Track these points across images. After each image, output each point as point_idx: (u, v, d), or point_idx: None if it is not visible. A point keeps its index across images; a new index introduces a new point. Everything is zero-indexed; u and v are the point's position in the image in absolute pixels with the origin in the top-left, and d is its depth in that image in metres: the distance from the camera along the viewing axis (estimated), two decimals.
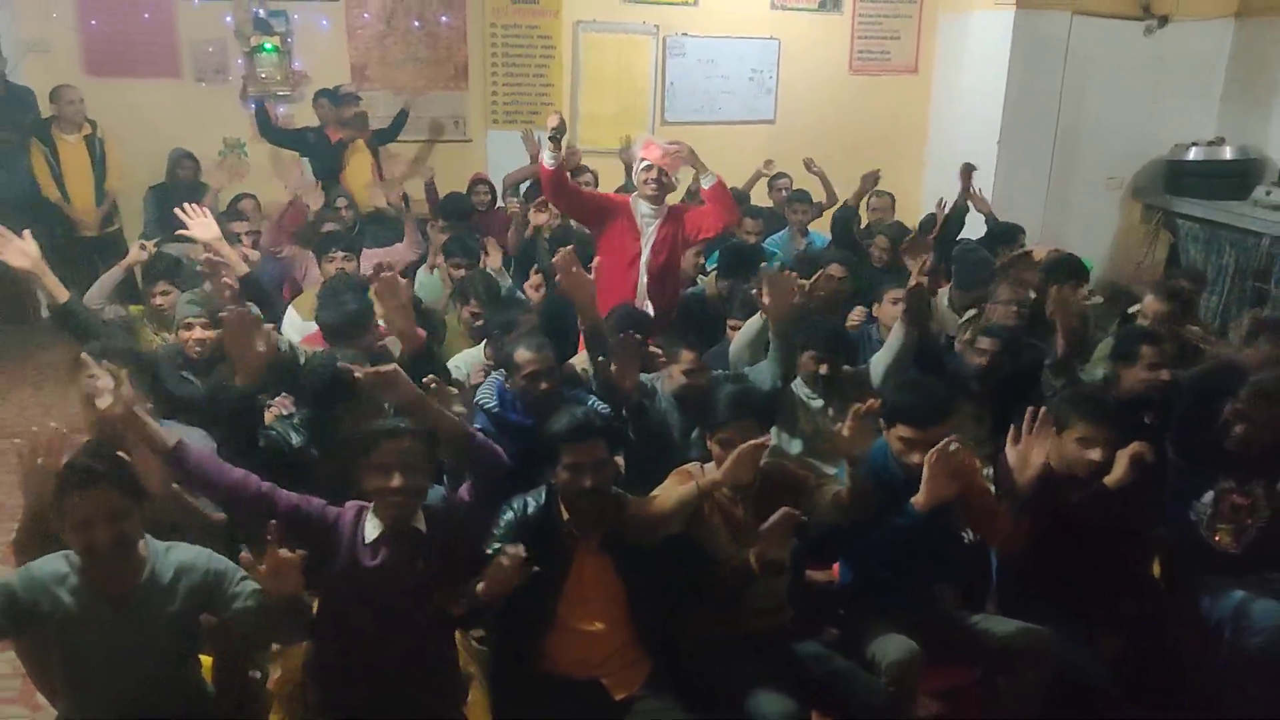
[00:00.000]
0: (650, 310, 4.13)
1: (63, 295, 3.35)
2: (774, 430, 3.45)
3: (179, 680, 2.36)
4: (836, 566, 3.09)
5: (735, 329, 3.77)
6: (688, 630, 2.68)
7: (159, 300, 4.02)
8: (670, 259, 4.28)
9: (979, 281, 4.39)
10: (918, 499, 2.63)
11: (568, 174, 4.36)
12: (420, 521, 2.39)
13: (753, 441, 2.50)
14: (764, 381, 3.32)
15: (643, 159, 4.23)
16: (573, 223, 5.16)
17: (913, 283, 3.41)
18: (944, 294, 4.54)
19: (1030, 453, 2.75)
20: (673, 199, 4.44)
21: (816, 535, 2.84)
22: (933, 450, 2.61)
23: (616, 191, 5.53)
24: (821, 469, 3.32)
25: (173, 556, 2.30)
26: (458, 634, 2.66)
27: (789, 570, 2.75)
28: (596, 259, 3.51)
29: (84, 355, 2.37)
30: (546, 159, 4.14)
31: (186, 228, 3.68)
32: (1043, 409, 2.80)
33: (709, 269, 5.03)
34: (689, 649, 2.66)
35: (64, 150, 6.15)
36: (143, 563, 2.26)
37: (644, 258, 4.22)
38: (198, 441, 2.69)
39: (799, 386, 3.52)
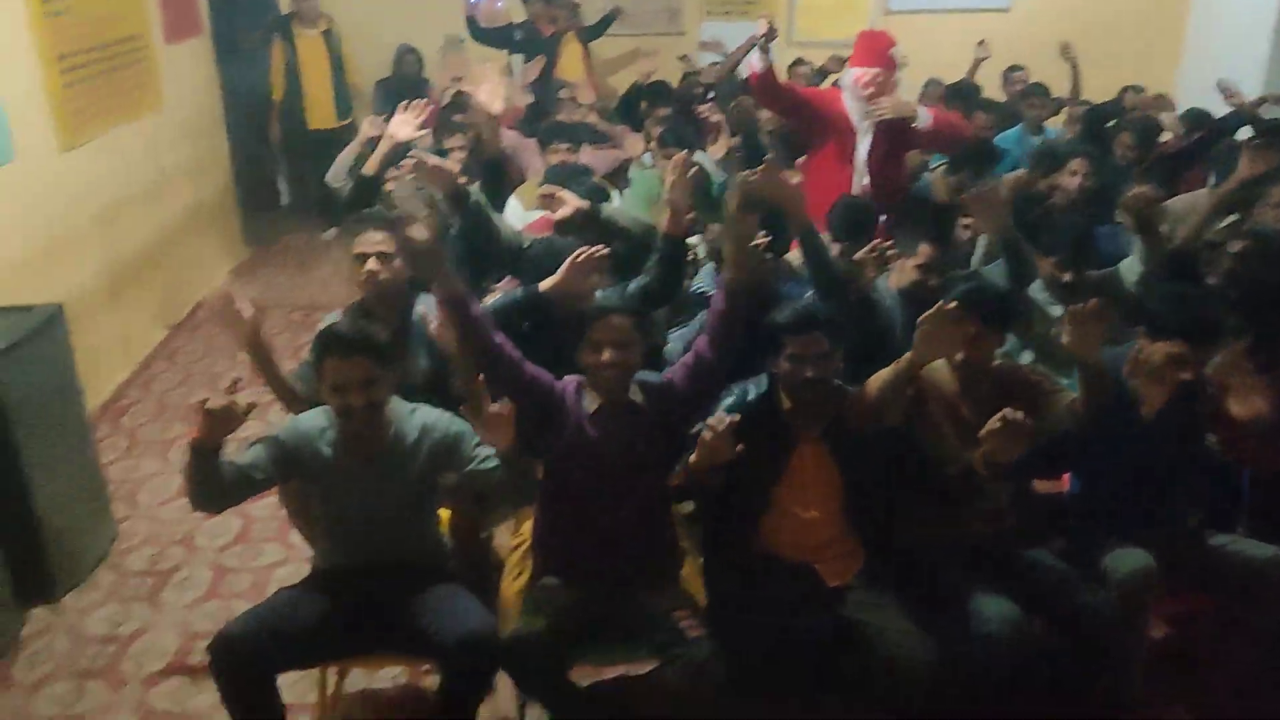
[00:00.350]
0: None
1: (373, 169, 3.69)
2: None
3: (421, 532, 2.57)
4: (1066, 478, 2.96)
5: (967, 228, 3.60)
6: (907, 528, 2.65)
7: (389, 186, 4.12)
8: (891, 153, 4.11)
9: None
10: (1144, 409, 2.46)
11: (775, 75, 4.22)
12: (637, 395, 2.48)
13: (935, 310, 2.36)
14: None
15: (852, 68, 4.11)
16: None
17: (1133, 191, 3.22)
18: (1202, 196, 4.14)
19: (1247, 395, 2.50)
20: None
21: (1048, 442, 2.73)
22: (1127, 362, 2.45)
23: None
24: (1054, 379, 3.15)
25: (417, 418, 2.49)
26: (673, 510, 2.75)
27: (1012, 476, 2.66)
28: (807, 159, 3.43)
29: (225, 290, 2.70)
30: (756, 62, 4.05)
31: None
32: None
33: (933, 165, 4.80)
34: (906, 546, 2.64)
35: (303, 46, 6.52)
36: (390, 424, 2.45)
37: (860, 153, 4.08)
38: None
39: (1037, 291, 3.33)
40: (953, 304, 2.38)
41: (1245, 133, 4.67)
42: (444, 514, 2.72)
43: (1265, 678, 2.70)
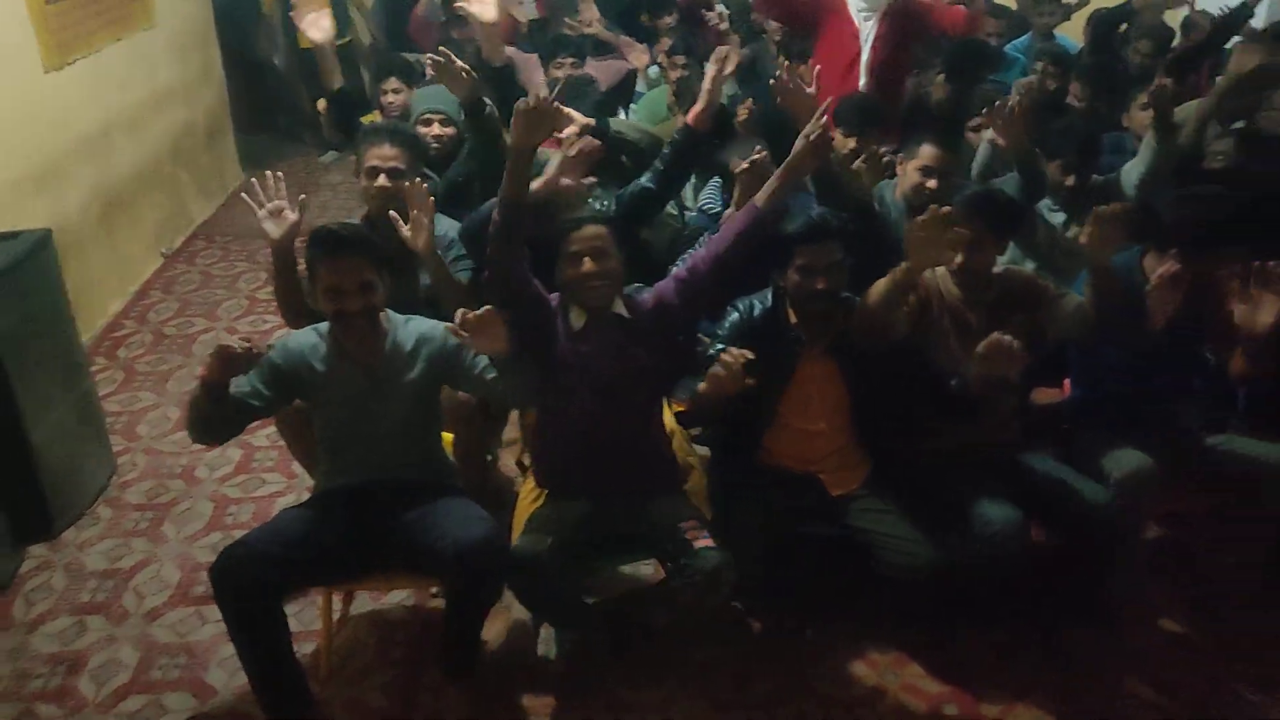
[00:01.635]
0: None
1: (337, 81, 3.56)
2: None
3: (424, 447, 2.56)
4: (1066, 384, 2.97)
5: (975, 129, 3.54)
6: (911, 438, 2.67)
7: (390, 99, 4.10)
8: (896, 57, 4.00)
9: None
10: (1153, 320, 2.46)
11: None
12: (621, 308, 2.48)
13: (927, 216, 2.31)
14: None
15: None
16: None
17: (1155, 84, 3.12)
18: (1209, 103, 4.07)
19: (1259, 313, 2.46)
20: None
21: (1051, 349, 2.74)
22: (1157, 275, 2.45)
23: None
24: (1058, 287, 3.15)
25: (412, 326, 2.48)
26: (678, 429, 2.77)
27: (1016, 388, 2.68)
28: (811, 65, 3.30)
29: (243, 195, 2.70)
30: None
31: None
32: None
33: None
34: (911, 456, 2.66)
35: None
36: (385, 334, 2.43)
37: (864, 57, 3.98)
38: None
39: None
40: (945, 209, 2.34)
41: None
42: (447, 438, 2.71)
43: (1258, 573, 2.77)
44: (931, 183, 3.06)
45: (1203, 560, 2.86)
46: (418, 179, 2.78)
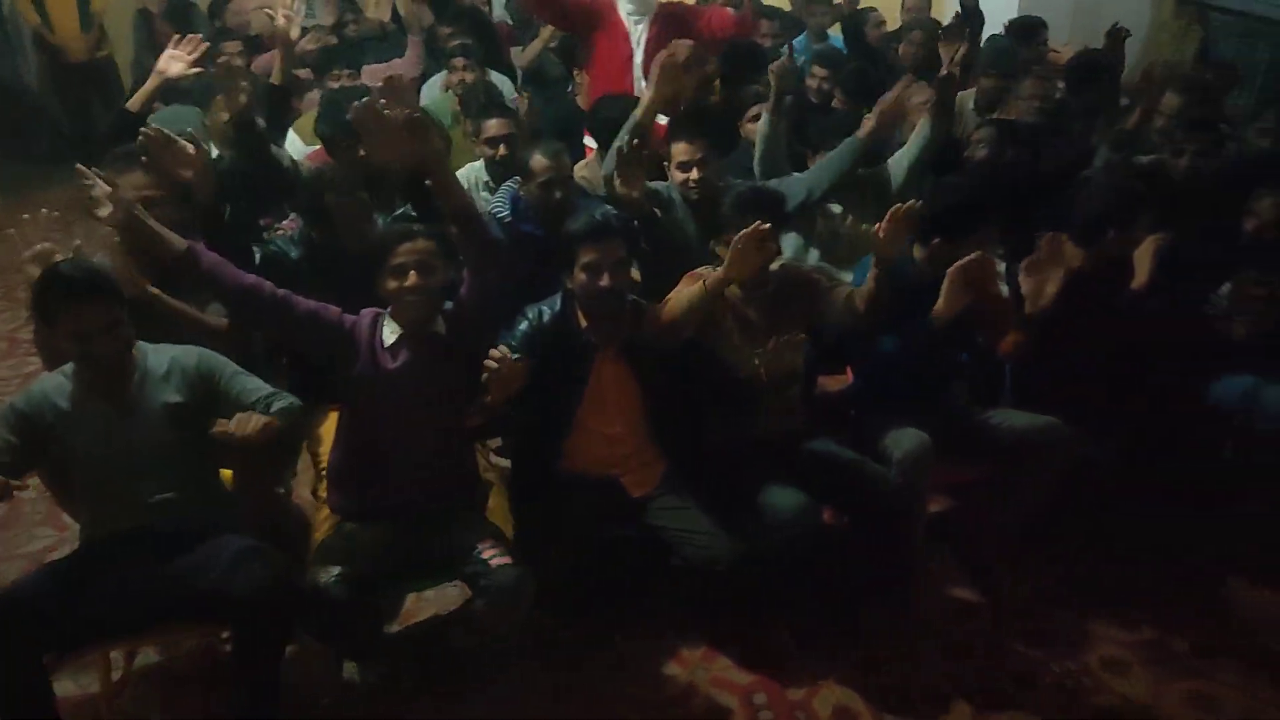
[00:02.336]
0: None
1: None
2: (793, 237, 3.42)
3: (193, 486, 2.35)
4: (850, 371, 3.10)
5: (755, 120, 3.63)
6: (704, 433, 2.71)
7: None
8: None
9: (1005, 71, 4.23)
10: (938, 309, 2.60)
11: None
12: (439, 325, 2.41)
13: (749, 230, 2.39)
14: (796, 193, 3.20)
15: None
16: None
17: (944, 71, 3.28)
18: (968, 97, 4.36)
19: (1045, 284, 2.65)
20: None
21: (830, 341, 2.85)
22: (958, 263, 2.57)
23: None
24: (837, 275, 3.27)
25: (164, 351, 2.33)
26: (479, 444, 2.72)
27: (800, 377, 2.78)
28: (582, 73, 3.37)
29: (78, 166, 2.30)
30: None
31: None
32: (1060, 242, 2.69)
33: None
34: (704, 451, 2.70)
35: None
36: (135, 363, 2.27)
37: (637, 60, 4.03)
38: None
39: None
40: (766, 225, 2.40)
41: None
42: (225, 474, 2.54)
43: (1028, 534, 2.96)
44: (693, 175, 3.12)
45: (977, 527, 3.03)
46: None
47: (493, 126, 3.42)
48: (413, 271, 2.32)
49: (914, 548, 2.79)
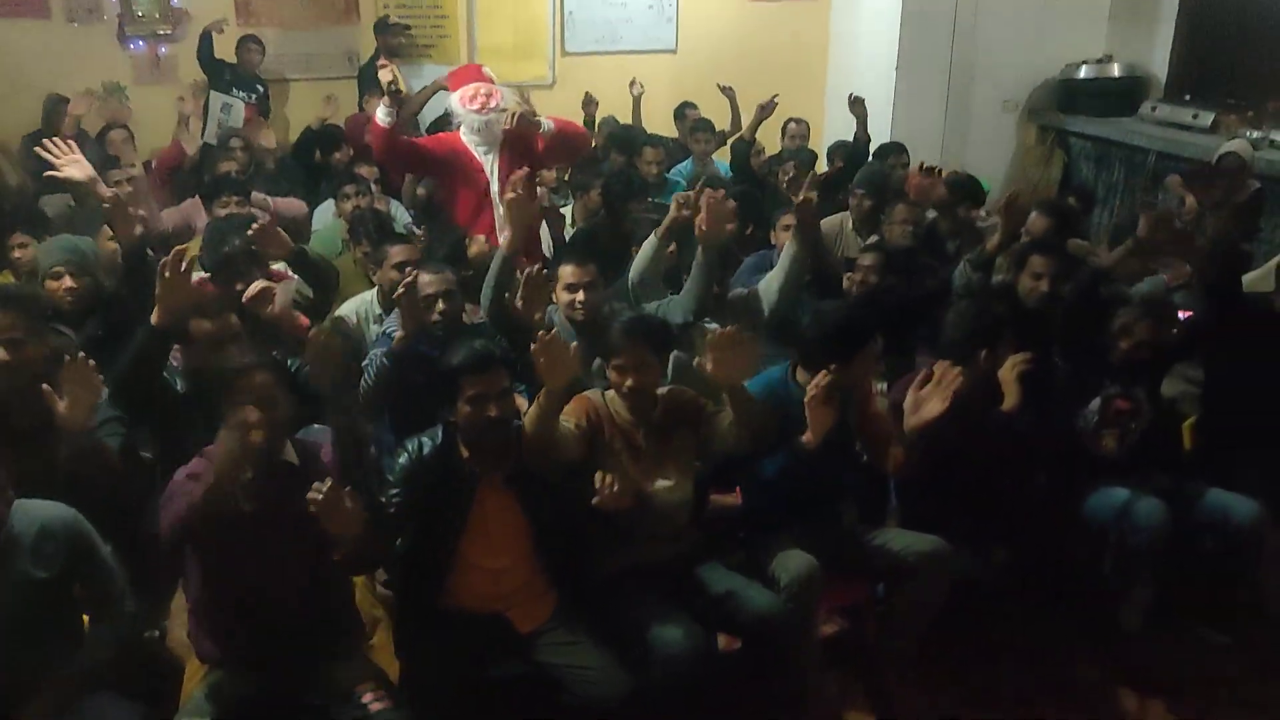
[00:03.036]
0: None
1: None
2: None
3: (52, 648, 2.21)
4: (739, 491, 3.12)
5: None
6: (591, 561, 2.68)
7: (17, 254, 3.74)
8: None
9: (878, 193, 4.44)
10: (806, 437, 2.65)
11: (395, 134, 4.12)
12: (291, 455, 2.36)
13: (730, 333, 2.50)
14: (675, 316, 3.26)
15: (480, 112, 4.12)
16: None
17: (800, 197, 3.37)
18: (847, 221, 4.56)
19: (927, 404, 2.71)
20: None
21: (715, 463, 2.87)
22: (810, 387, 2.63)
23: None
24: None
25: (35, 512, 2.16)
26: (362, 578, 2.63)
27: (689, 499, 2.77)
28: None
29: None
30: (381, 115, 3.98)
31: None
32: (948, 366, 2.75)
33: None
34: (593, 580, 2.66)
35: None
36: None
37: (494, 189, 4.13)
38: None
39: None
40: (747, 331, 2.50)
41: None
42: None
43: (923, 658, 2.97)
44: (579, 296, 3.18)
45: (871, 648, 3.04)
46: (75, 351, 2.50)
47: (397, 253, 3.44)
48: (252, 407, 2.26)
49: (808, 672, 2.77)
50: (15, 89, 6.16)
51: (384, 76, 3.97)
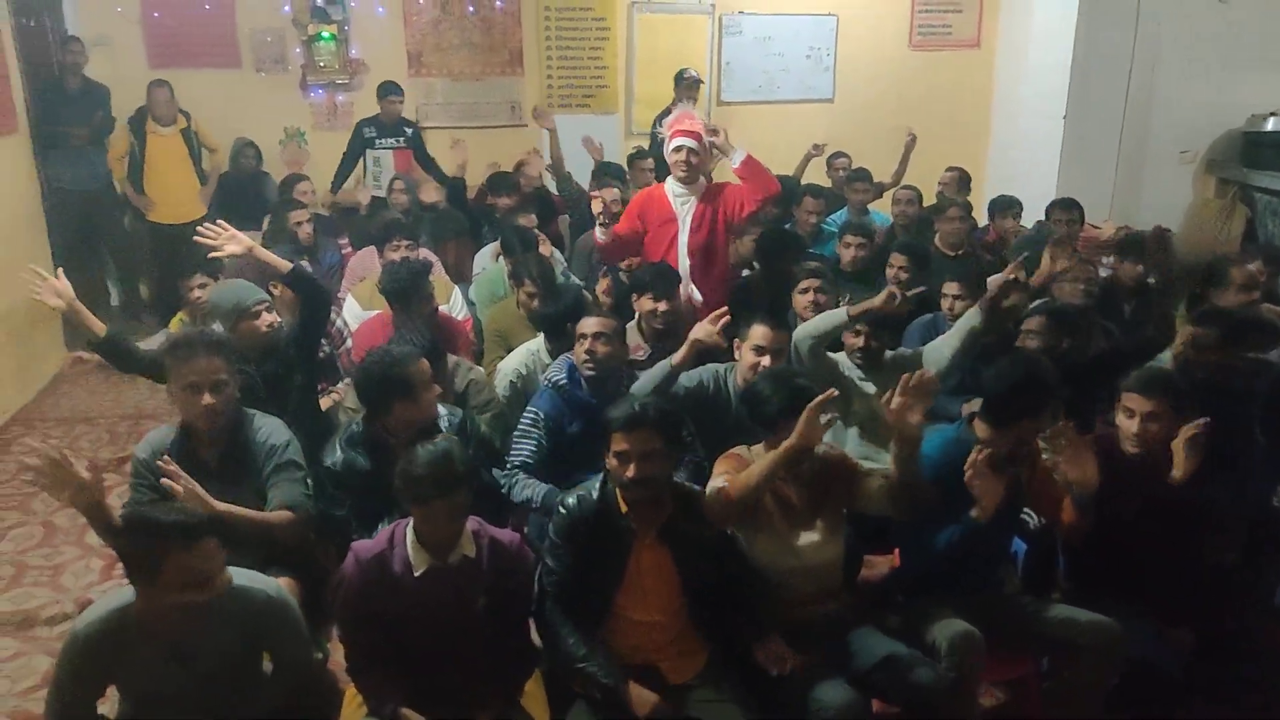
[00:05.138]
0: (696, 296, 4.12)
1: (100, 329, 3.25)
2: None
3: (243, 686, 2.34)
4: (897, 553, 3.03)
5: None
6: (744, 620, 2.64)
7: (196, 294, 4.04)
8: (711, 239, 4.22)
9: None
10: (976, 512, 2.57)
11: (616, 242, 4.27)
12: (470, 549, 2.41)
13: (819, 399, 2.41)
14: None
15: (673, 138, 4.19)
16: None
17: (1008, 274, 3.34)
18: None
19: (1083, 468, 2.62)
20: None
21: (870, 525, 2.80)
22: (968, 465, 2.55)
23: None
24: (878, 455, 3.25)
25: (241, 583, 2.26)
26: None
27: (838, 557, 2.70)
28: (633, 261, 3.55)
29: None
30: (599, 235, 4.20)
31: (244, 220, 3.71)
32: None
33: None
34: (746, 638, 2.62)
35: (156, 144, 6.33)
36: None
37: (683, 238, 4.18)
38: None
39: (849, 369, 3.46)
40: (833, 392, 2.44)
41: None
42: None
43: None
44: (766, 360, 3.16)
45: None
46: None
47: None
48: (439, 505, 2.33)
49: None
50: (216, 131, 6.66)
51: (595, 207, 4.20)
